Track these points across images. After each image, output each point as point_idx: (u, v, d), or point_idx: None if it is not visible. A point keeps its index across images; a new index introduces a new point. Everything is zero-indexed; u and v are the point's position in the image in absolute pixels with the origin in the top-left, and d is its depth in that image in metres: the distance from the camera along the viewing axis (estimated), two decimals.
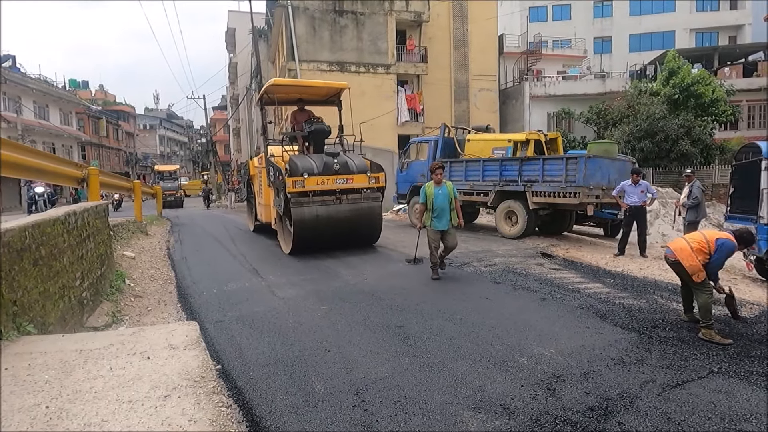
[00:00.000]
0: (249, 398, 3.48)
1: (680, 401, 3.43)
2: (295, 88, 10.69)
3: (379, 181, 9.08)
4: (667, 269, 8.03)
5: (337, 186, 8.65)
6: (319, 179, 8.50)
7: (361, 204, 8.85)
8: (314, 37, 22.50)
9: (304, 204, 8.37)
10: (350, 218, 8.73)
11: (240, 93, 39.78)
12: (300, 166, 8.54)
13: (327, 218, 8.51)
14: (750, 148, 8.31)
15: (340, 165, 8.75)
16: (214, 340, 4.68)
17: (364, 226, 9.07)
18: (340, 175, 8.70)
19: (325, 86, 10.73)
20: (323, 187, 8.53)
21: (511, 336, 4.64)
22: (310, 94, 10.81)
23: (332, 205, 8.59)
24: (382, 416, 3.25)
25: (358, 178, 8.86)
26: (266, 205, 10.45)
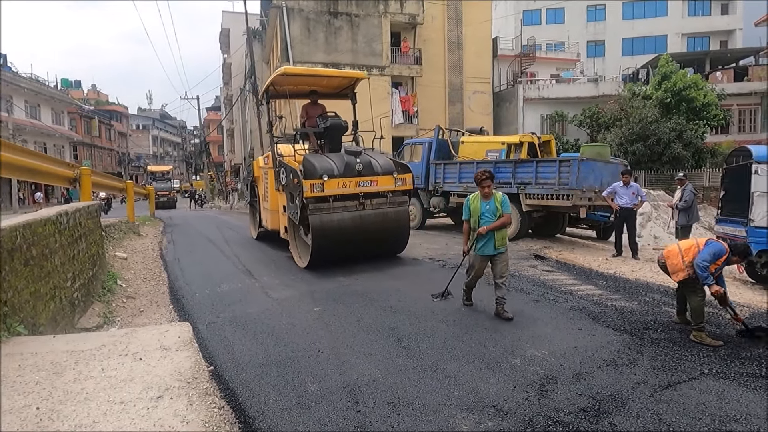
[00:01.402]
0: (242, 399, 3.47)
1: (671, 402, 3.46)
2: (307, 79, 9.25)
3: (407, 182, 8.00)
4: (659, 271, 8.08)
5: (361, 189, 7.53)
6: (340, 182, 7.38)
7: (387, 209, 7.77)
8: (309, 38, 22.49)
9: (323, 211, 7.26)
10: (375, 226, 7.66)
11: (234, 94, 39.69)
12: (318, 166, 7.39)
13: (350, 227, 7.44)
14: (741, 152, 8.40)
15: (363, 165, 7.64)
16: (206, 341, 4.66)
17: (390, 235, 8.02)
18: (364, 176, 7.59)
19: (341, 76, 9.55)
20: (345, 191, 7.43)
21: (504, 337, 4.66)
22: (322, 85, 9.48)
23: (355, 211, 7.49)
24: (375, 417, 3.25)
25: (383, 179, 7.75)
26: (273, 210, 9.39)
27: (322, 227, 7.23)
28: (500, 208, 5.21)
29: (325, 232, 7.26)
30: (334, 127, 8.53)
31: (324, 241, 7.30)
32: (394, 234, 8.07)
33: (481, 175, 5.26)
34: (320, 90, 9.39)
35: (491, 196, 5.26)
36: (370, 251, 7.96)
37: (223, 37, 44.53)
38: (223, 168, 53.71)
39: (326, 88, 9.58)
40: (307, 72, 9.24)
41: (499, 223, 5.17)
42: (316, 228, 7.20)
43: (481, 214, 5.25)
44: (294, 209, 7.64)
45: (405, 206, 8.09)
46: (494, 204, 5.22)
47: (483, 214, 5.24)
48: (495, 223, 5.16)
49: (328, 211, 7.30)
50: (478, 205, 5.30)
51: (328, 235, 7.29)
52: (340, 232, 7.37)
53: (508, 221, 5.27)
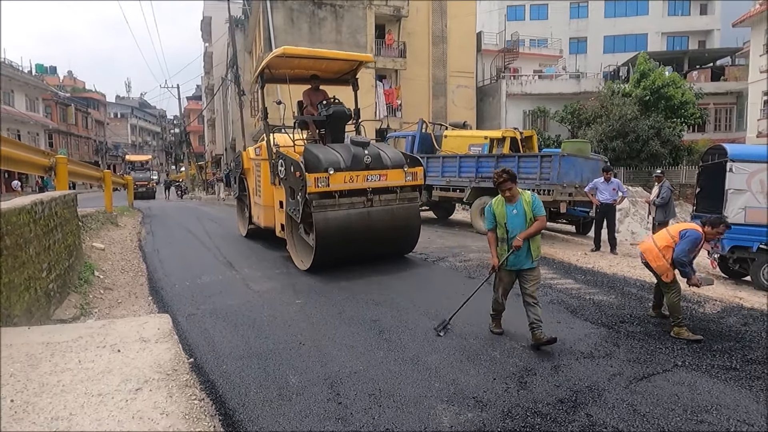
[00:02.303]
0: (222, 391, 3.45)
1: (646, 393, 3.54)
2: (306, 62, 8.18)
3: (417, 177, 7.35)
4: (636, 266, 8.26)
5: (369, 184, 6.88)
6: (347, 175, 6.71)
7: (397, 206, 7.18)
8: (292, 28, 22.24)
9: (328, 208, 6.61)
10: (384, 224, 7.06)
11: (215, 83, 39.10)
12: (323, 158, 6.69)
13: (356, 225, 6.82)
14: (716, 150, 8.60)
15: (372, 157, 6.97)
16: (186, 333, 4.62)
17: (399, 234, 7.39)
18: (372, 170, 6.93)
19: (344, 58, 8.49)
20: (352, 186, 6.77)
21: (484, 330, 4.71)
22: (322, 69, 8.52)
23: (362, 208, 6.88)
24: (356, 409, 3.27)
25: (393, 173, 7.10)
26: (266, 206, 8.54)
27: (327, 226, 6.58)
28: (531, 210, 4.35)
29: (330, 232, 6.60)
30: (337, 115, 7.71)
31: (328, 242, 6.63)
32: (403, 233, 7.45)
33: (498, 176, 4.39)
34: (320, 74, 8.51)
35: (518, 197, 4.41)
36: (377, 252, 7.35)
37: (205, 26, 43.78)
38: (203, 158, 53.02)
39: (326, 73, 8.68)
40: (308, 53, 8.12)
41: (534, 228, 4.32)
42: (320, 227, 6.54)
43: (508, 220, 4.39)
44: (295, 206, 6.92)
45: (415, 203, 7.50)
46: (522, 206, 4.36)
47: (510, 219, 4.38)
48: (530, 229, 4.31)
49: (333, 208, 6.65)
50: (504, 209, 4.42)
51: (333, 235, 6.64)
52: (347, 231, 6.73)
53: (543, 225, 4.41)
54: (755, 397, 3.55)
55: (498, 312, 4.67)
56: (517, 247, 4.30)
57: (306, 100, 8.28)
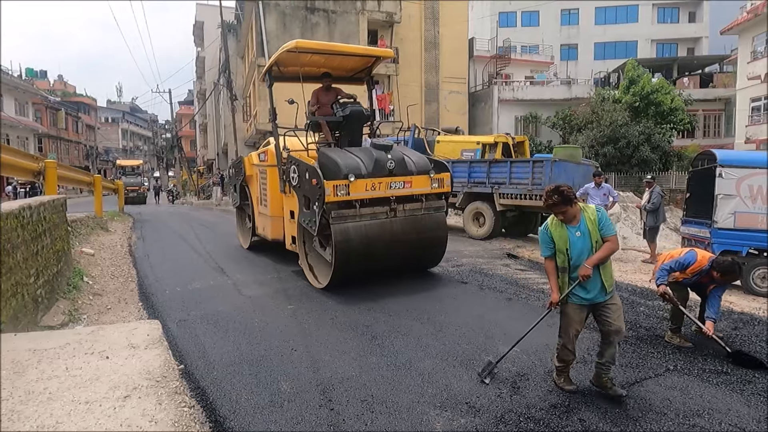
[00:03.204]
0: (213, 398, 3.41)
1: (638, 398, 3.55)
2: (318, 58, 7.48)
3: (444, 183, 6.74)
4: (627, 271, 8.31)
5: (392, 192, 6.25)
6: (369, 182, 6.06)
7: (422, 216, 6.54)
8: (285, 34, 22.22)
9: (348, 219, 5.96)
10: (408, 236, 6.40)
11: (207, 88, 39.00)
12: (342, 164, 6.05)
13: (379, 238, 6.18)
14: (705, 156, 8.67)
15: (396, 162, 6.31)
16: (177, 339, 4.57)
17: (425, 247, 6.78)
18: (396, 176, 6.29)
19: (362, 53, 7.81)
20: (374, 194, 6.13)
21: (477, 335, 4.70)
22: (334, 66, 7.78)
23: (385, 218, 6.23)
24: (348, 415, 3.24)
25: (418, 180, 6.46)
26: (274, 216, 7.77)
27: (347, 239, 5.92)
28: (598, 230, 3.52)
29: (351, 245, 5.94)
30: (355, 115, 7.00)
31: (349, 257, 5.96)
32: (429, 246, 6.81)
33: (548, 198, 3.51)
34: (333, 72, 7.72)
35: (580, 216, 3.55)
36: (399, 267, 6.76)
37: (197, 30, 43.67)
38: (195, 163, 52.77)
39: (339, 70, 7.96)
40: (323, 47, 7.35)
41: (604, 252, 3.49)
42: (340, 240, 5.87)
43: (571, 245, 3.55)
44: (310, 217, 6.23)
45: (442, 212, 6.86)
46: (586, 226, 3.52)
47: (573, 244, 3.53)
48: (599, 252, 3.48)
49: (353, 218, 5.99)
50: (565, 232, 3.56)
51: (354, 249, 5.98)
52: (368, 244, 6.09)
53: (615, 246, 3.57)
54: (746, 401, 3.56)
55: (566, 363, 3.68)
56: (584, 277, 3.45)
57: (315, 101, 7.54)
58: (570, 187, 3.52)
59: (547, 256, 3.72)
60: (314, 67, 7.66)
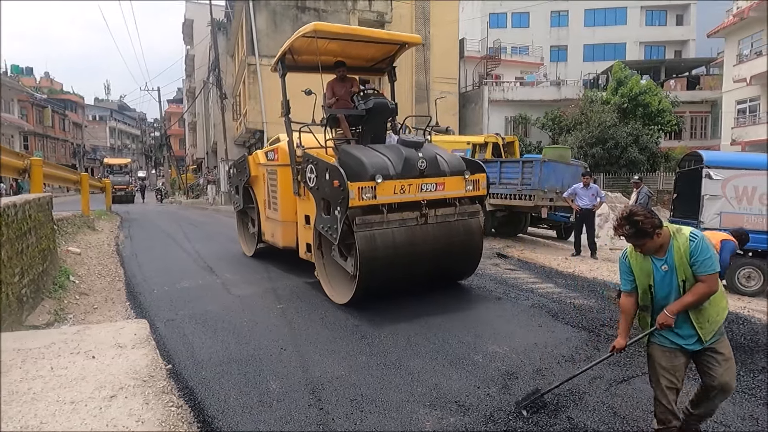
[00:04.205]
0: (201, 398, 3.38)
1: (626, 396, 3.58)
2: (337, 44, 6.68)
3: (480, 186, 5.99)
4: (615, 270, 8.35)
5: (423, 195, 5.50)
6: (398, 184, 5.34)
7: (456, 222, 5.82)
8: (275, 32, 22.14)
9: (374, 225, 5.25)
10: (441, 246, 5.69)
11: (197, 86, 38.73)
12: (368, 163, 5.31)
13: (409, 248, 5.45)
14: (692, 157, 8.78)
15: (428, 162, 5.57)
16: (165, 338, 4.53)
17: (459, 257, 6.05)
18: (428, 177, 5.55)
19: (387, 39, 6.81)
20: (403, 198, 5.40)
21: (466, 335, 4.71)
22: (354, 54, 7.07)
23: (415, 225, 5.50)
24: (338, 414, 3.23)
25: (451, 181, 5.72)
26: (285, 221, 7.03)
27: (374, 249, 5.23)
28: (689, 266, 2.69)
29: (377, 256, 5.25)
30: (379, 108, 6.24)
31: (374, 269, 5.27)
32: (462, 256, 6.08)
33: (620, 227, 2.78)
34: (349, 62, 6.98)
35: (667, 246, 2.74)
36: (429, 280, 6.10)
37: (187, 28, 43.31)
38: (184, 162, 52.37)
39: (357, 59, 7.24)
40: (344, 31, 6.38)
41: (692, 297, 2.68)
42: (365, 250, 5.17)
43: (655, 282, 2.81)
44: (329, 223, 5.48)
45: (477, 218, 6.10)
46: (673, 259, 2.72)
47: (659, 281, 2.79)
48: (685, 297, 2.69)
49: (380, 225, 5.28)
50: (648, 264, 2.81)
51: (381, 260, 5.29)
52: (396, 255, 5.39)
53: (710, 290, 2.68)
54: (732, 399, 3.59)
55: (665, 425, 2.83)
56: (662, 326, 2.76)
57: (331, 93, 6.77)
58: (650, 213, 2.71)
59: (626, 291, 2.96)
60: (331, 56, 6.84)
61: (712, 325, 2.75)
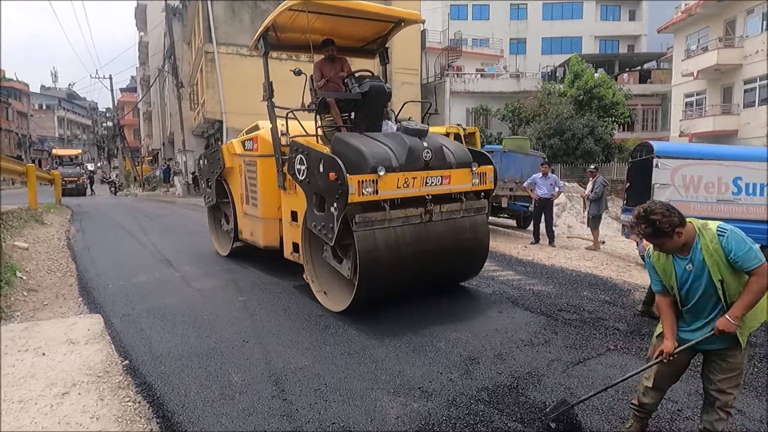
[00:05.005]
0: (160, 393, 3.30)
1: (582, 377, 3.71)
2: (324, 21, 5.97)
3: (486, 179, 5.50)
4: (572, 257, 8.65)
5: (428, 189, 4.98)
6: (402, 177, 4.79)
7: (462, 219, 5.37)
8: (234, 20, 21.59)
9: (376, 224, 4.72)
10: (447, 245, 5.24)
11: (152, 75, 37.37)
12: (368, 153, 4.72)
13: (413, 248, 4.97)
14: (644, 147, 9.12)
15: (433, 152, 5.05)
16: (121, 334, 4.38)
17: (465, 257, 5.56)
18: (433, 170, 5.02)
19: (385, 13, 5.98)
20: (407, 193, 4.86)
21: (430, 322, 4.76)
22: (343, 33, 6.41)
23: (419, 223, 5.00)
24: (301, 405, 3.22)
25: (457, 174, 5.21)
26: (267, 218, 6.40)
27: (375, 250, 4.70)
28: (725, 263, 2.49)
29: (379, 258, 4.74)
30: (376, 92, 5.63)
31: (376, 272, 4.74)
32: (469, 255, 5.61)
33: (637, 225, 2.58)
34: (337, 41, 6.25)
35: (692, 244, 2.55)
36: (433, 282, 5.62)
37: (140, 14, 41.67)
38: (139, 153, 50.60)
39: (347, 39, 6.56)
40: (337, 5, 5.68)
41: (752, 296, 2.47)
42: (365, 251, 4.63)
43: (678, 282, 2.64)
44: (324, 221, 4.85)
45: (483, 214, 5.66)
46: (702, 258, 2.52)
47: (683, 279, 2.62)
48: (745, 297, 2.47)
49: (382, 224, 4.75)
50: (670, 264, 2.66)
51: (383, 263, 4.78)
52: (399, 257, 4.89)
53: (763, 288, 2.46)
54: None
55: (644, 410, 2.88)
56: (722, 331, 2.50)
57: (320, 75, 6.09)
58: (669, 211, 2.48)
59: (657, 291, 2.79)
60: (317, 34, 6.10)
61: (745, 328, 2.52)
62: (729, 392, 2.57)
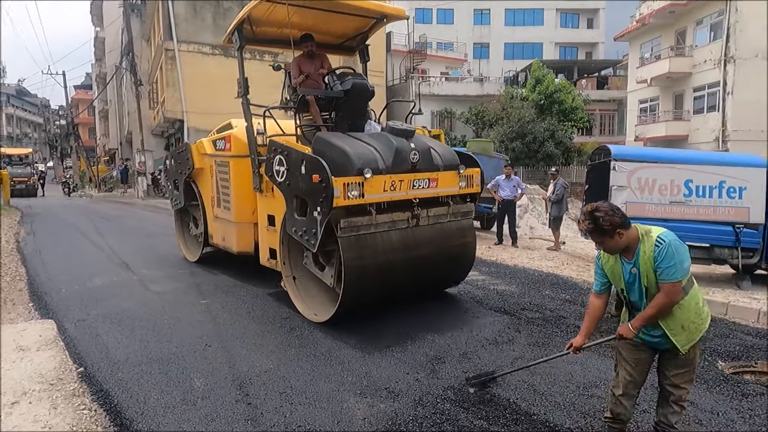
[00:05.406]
0: (117, 401, 3.18)
1: (544, 374, 3.79)
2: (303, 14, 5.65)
3: (474, 182, 5.36)
4: (534, 258, 8.84)
5: (415, 193, 4.79)
6: (389, 180, 4.58)
7: (450, 224, 5.21)
8: (195, 17, 21.12)
9: (361, 229, 4.49)
10: (434, 251, 5.09)
11: (108, 72, 36.09)
12: (354, 154, 4.51)
13: (401, 255, 4.80)
14: (602, 150, 9.39)
15: (421, 154, 4.88)
16: (75, 340, 4.20)
17: (452, 262, 5.43)
18: (420, 172, 4.85)
19: (367, 8, 5.69)
20: (394, 196, 4.65)
21: (397, 323, 4.77)
22: (323, 28, 6.12)
23: (406, 228, 4.81)
24: (266, 408, 3.17)
25: (445, 177, 5.04)
26: (240, 222, 6.11)
27: (362, 257, 4.51)
28: (653, 272, 2.52)
29: (366, 265, 4.54)
30: (359, 90, 5.43)
31: (363, 281, 4.55)
32: (456, 261, 5.46)
33: (583, 220, 2.67)
34: (317, 36, 5.97)
35: (636, 248, 2.58)
36: (419, 288, 5.45)
37: (96, 9, 40.22)
38: (95, 153, 48.77)
39: (324, 35, 6.30)
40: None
41: (652, 310, 2.53)
42: (351, 259, 4.42)
43: (626, 285, 2.68)
44: (306, 226, 4.57)
45: (470, 218, 5.55)
46: (639, 262, 2.57)
47: (627, 280, 2.66)
48: (645, 311, 2.56)
49: (367, 229, 4.52)
50: (618, 266, 2.68)
51: (369, 271, 4.58)
52: (386, 264, 4.70)
53: (671, 300, 2.50)
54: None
55: (616, 418, 2.77)
56: (621, 336, 2.66)
57: (298, 71, 5.78)
58: (613, 211, 2.55)
59: (596, 292, 2.84)
60: (295, 29, 5.75)
61: (690, 333, 2.54)
62: (682, 387, 2.65)
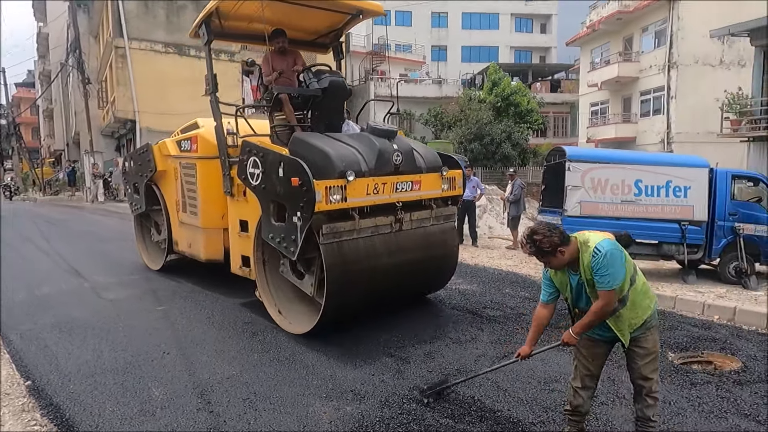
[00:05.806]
0: (70, 414, 3.04)
1: (506, 371, 3.85)
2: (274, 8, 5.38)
3: (456, 185, 5.24)
4: (494, 257, 9.01)
5: (398, 196, 4.60)
6: (372, 183, 4.39)
7: (432, 229, 5.05)
8: (147, 14, 20.45)
9: (344, 235, 4.28)
10: (417, 256, 4.89)
11: (53, 69, 34.40)
12: (335, 156, 4.30)
13: (384, 260, 4.61)
14: (557, 151, 9.68)
15: (404, 155, 4.70)
16: (21, 352, 3.99)
17: (435, 267, 5.26)
18: (403, 175, 4.67)
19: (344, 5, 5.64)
20: (377, 200, 4.46)
21: (361, 325, 4.75)
22: (296, 24, 5.91)
23: (389, 233, 4.62)
24: (229, 416, 3.10)
25: (428, 179, 4.90)
26: (208, 228, 5.79)
27: (344, 264, 4.27)
28: (589, 276, 2.65)
29: (349, 272, 4.31)
30: (336, 88, 5.21)
31: (346, 289, 4.33)
32: (438, 265, 5.29)
33: (524, 246, 2.77)
34: (289, 32, 5.72)
35: (578, 262, 2.69)
36: (402, 294, 5.29)
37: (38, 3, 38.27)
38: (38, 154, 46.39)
39: (297, 31, 6.07)
40: None
41: (589, 318, 2.66)
42: (334, 266, 4.18)
43: (574, 294, 2.82)
44: (285, 232, 4.35)
45: (452, 222, 5.39)
46: (582, 272, 2.70)
47: (578, 294, 2.80)
48: (583, 319, 2.70)
49: (350, 234, 4.31)
50: (566, 277, 2.80)
51: (353, 278, 4.35)
52: (370, 270, 4.50)
53: (605, 307, 2.62)
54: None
55: (575, 410, 2.86)
56: (565, 342, 2.82)
57: (269, 68, 5.55)
58: (550, 232, 2.65)
59: (543, 302, 2.92)
60: (266, 24, 5.41)
61: (633, 329, 2.71)
62: (650, 377, 2.73)
